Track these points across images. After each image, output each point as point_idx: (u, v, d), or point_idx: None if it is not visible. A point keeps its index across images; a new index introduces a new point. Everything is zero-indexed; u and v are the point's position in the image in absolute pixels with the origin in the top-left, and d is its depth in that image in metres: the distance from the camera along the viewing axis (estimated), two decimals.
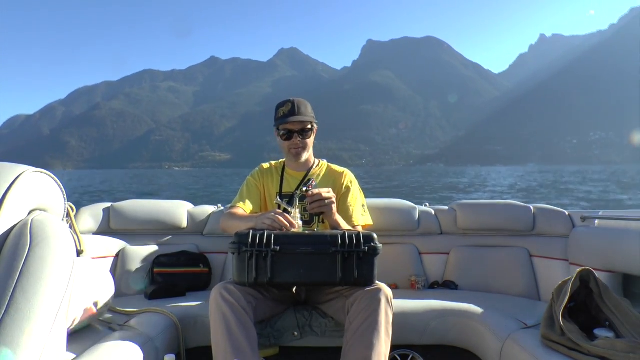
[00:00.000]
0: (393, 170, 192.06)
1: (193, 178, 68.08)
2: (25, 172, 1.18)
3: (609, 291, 1.81)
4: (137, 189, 48.01)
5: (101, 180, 73.81)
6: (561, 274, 2.55)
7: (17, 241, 1.08)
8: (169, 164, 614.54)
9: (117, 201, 2.98)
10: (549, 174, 77.80)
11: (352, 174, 2.47)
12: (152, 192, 39.43)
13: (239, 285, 1.81)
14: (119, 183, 61.72)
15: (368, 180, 57.38)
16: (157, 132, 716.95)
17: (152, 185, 54.94)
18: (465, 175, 71.99)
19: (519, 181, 53.71)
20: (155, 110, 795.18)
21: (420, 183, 53.58)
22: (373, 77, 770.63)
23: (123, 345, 1.69)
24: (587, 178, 59.67)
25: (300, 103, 2.27)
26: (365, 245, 1.78)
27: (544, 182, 50.03)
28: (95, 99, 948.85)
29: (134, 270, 2.73)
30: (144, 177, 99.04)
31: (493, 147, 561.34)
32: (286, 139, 2.30)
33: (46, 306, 1.01)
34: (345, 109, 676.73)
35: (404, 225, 2.94)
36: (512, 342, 1.91)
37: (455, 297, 2.47)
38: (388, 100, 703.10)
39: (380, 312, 1.74)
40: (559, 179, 57.09)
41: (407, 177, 78.82)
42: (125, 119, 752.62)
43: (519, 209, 2.91)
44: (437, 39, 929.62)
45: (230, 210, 2.28)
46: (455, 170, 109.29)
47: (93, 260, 1.97)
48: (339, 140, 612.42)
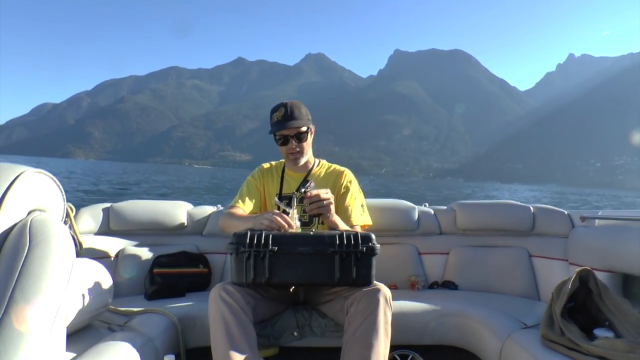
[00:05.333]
0: (412, 182, 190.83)
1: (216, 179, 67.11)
2: (25, 172, 1.18)
3: (609, 291, 1.82)
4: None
5: (131, 172, 72.34)
6: (561, 274, 2.54)
7: (16, 241, 1.08)
8: (189, 161, 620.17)
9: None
10: (574, 195, 75.66)
11: (351, 174, 2.45)
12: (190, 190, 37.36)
13: (237, 285, 1.81)
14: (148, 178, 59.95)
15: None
16: (179, 128, 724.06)
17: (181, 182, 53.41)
18: (483, 190, 70.34)
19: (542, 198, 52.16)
20: (179, 107, 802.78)
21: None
22: (398, 87, 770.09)
23: (123, 345, 1.69)
24: (621, 202, 57.90)
25: (294, 106, 2.25)
26: (363, 245, 1.78)
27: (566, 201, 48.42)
28: (121, 92, 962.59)
29: (134, 271, 2.71)
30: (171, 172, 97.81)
31: (514, 165, 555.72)
32: (282, 144, 2.29)
33: (45, 306, 1.01)
34: (368, 117, 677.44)
35: (403, 225, 2.94)
36: (512, 342, 1.91)
37: (455, 297, 2.48)
38: (412, 111, 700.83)
39: (379, 312, 1.74)
40: (585, 198, 55.35)
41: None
42: (149, 113, 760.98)
43: (518, 209, 2.90)
44: (465, 52, 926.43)
45: (230, 210, 2.28)
46: (474, 185, 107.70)
47: (92, 260, 1.94)
48: (360, 148, 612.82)
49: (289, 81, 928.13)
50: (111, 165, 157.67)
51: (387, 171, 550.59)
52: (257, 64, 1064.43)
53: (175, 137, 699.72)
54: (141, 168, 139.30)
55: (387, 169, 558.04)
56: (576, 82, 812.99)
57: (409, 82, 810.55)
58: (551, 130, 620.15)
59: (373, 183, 61.54)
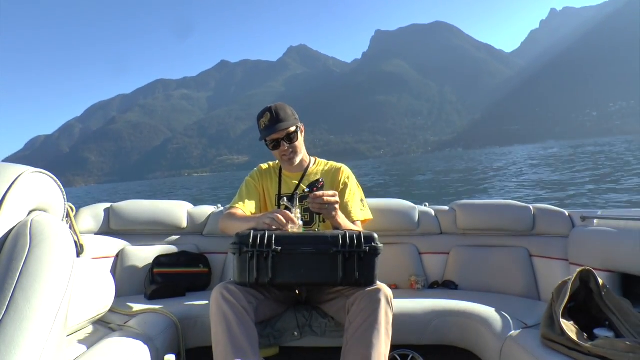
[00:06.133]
0: (412, 159, 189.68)
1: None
2: (25, 172, 1.18)
3: (609, 291, 1.82)
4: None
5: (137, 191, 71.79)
6: (561, 273, 2.55)
7: (16, 241, 1.07)
8: (188, 171, 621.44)
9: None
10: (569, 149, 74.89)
11: (349, 170, 2.47)
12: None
13: (240, 285, 1.81)
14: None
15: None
16: (173, 140, 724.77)
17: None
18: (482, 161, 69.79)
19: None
20: (171, 119, 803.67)
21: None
22: (385, 67, 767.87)
23: (123, 345, 1.69)
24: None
25: (279, 109, 2.26)
26: (366, 245, 1.78)
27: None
28: (111, 113, 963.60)
29: (134, 271, 2.73)
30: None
31: (510, 127, 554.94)
32: (275, 148, 2.30)
33: (46, 306, 1.01)
34: (359, 101, 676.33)
35: (403, 225, 2.95)
36: (512, 342, 1.91)
37: (455, 297, 2.47)
38: (402, 89, 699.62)
39: (380, 312, 1.74)
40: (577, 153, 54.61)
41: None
42: (142, 130, 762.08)
43: (518, 209, 2.90)
44: (446, 23, 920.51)
45: (229, 211, 2.28)
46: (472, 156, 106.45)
47: (93, 260, 1.97)
48: (356, 133, 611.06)
49: (274, 77, 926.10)
50: (116, 187, 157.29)
51: (385, 152, 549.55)
52: (241, 65, 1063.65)
53: (170, 149, 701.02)
54: (141, 186, 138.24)
55: (385, 150, 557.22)
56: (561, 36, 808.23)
57: (394, 60, 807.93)
58: (542, 87, 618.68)
59: (376, 172, 60.37)
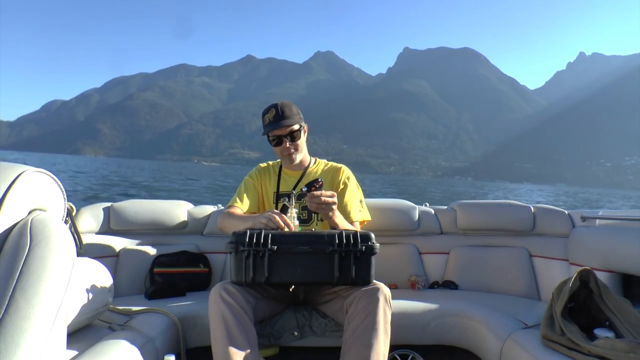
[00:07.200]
0: (422, 181, 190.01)
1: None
2: (26, 172, 1.18)
3: (609, 291, 1.81)
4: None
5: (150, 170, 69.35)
6: (561, 273, 2.55)
7: (17, 241, 1.08)
8: (197, 158, 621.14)
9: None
10: (584, 194, 74.71)
11: (349, 170, 2.48)
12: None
13: (236, 284, 1.81)
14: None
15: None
16: (188, 125, 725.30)
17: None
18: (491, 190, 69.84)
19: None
20: (188, 104, 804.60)
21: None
22: (407, 85, 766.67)
23: (123, 345, 1.69)
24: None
25: (284, 106, 2.27)
26: (362, 244, 1.78)
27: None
28: (130, 90, 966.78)
29: (134, 270, 2.73)
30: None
31: (523, 164, 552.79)
32: (277, 145, 2.32)
33: (46, 306, 1.01)
34: (377, 115, 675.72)
35: (404, 225, 2.94)
36: (512, 342, 1.91)
37: (455, 297, 2.49)
38: (421, 109, 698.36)
39: (379, 311, 1.74)
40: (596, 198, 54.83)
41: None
42: (158, 110, 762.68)
43: (519, 208, 2.90)
44: (474, 50, 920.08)
45: (228, 210, 2.30)
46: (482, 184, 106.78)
47: (93, 260, 1.97)
48: (369, 146, 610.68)
49: (297, 79, 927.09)
50: (123, 163, 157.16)
51: (395, 169, 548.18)
52: (266, 62, 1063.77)
53: (183, 134, 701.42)
54: (152, 166, 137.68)
55: (396, 167, 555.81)
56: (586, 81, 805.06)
57: (418, 80, 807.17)
58: (561, 130, 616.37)
59: (380, 182, 60.83)
